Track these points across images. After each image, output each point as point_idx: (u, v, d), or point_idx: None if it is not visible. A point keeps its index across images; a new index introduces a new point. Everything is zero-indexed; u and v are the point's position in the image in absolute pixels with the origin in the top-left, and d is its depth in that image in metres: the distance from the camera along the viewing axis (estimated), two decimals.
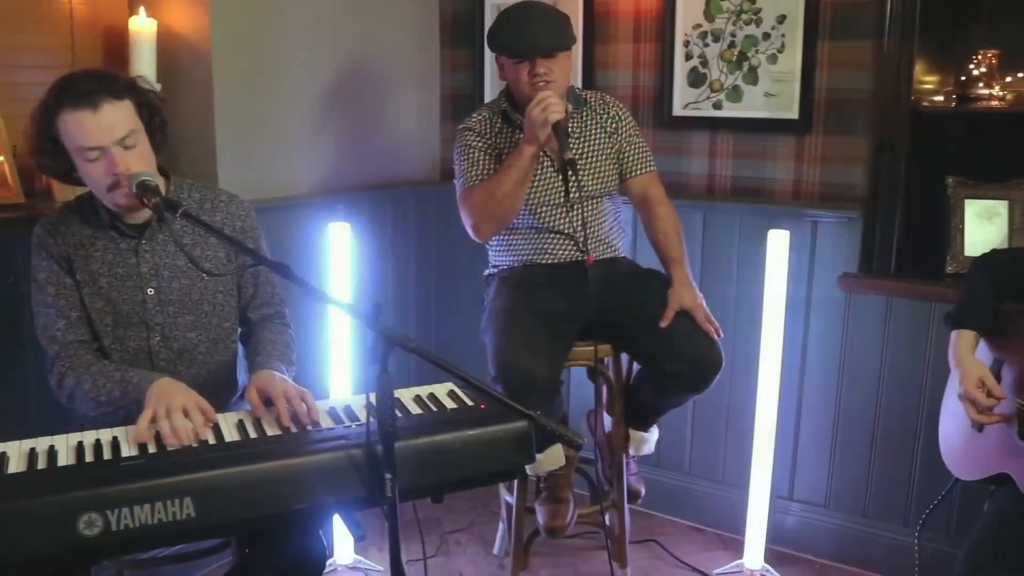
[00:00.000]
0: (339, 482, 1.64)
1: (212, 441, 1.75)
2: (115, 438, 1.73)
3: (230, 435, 1.77)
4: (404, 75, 3.59)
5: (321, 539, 1.97)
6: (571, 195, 2.60)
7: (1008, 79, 2.81)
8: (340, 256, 2.93)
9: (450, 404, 1.91)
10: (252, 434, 1.78)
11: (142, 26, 2.72)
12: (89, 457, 1.66)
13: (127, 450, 1.69)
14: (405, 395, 1.95)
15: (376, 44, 3.43)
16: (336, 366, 2.95)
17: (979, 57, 2.80)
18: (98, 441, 1.72)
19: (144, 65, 2.72)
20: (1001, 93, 2.80)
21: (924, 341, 2.81)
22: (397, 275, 3.58)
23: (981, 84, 2.80)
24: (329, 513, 1.80)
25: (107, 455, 1.67)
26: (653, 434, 2.81)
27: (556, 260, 2.67)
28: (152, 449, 1.70)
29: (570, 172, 2.50)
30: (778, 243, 2.81)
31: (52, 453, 1.67)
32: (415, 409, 1.89)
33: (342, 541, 2.97)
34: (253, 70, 2.96)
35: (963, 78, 2.85)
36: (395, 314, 3.59)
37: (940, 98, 2.95)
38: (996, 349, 2.22)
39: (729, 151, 3.17)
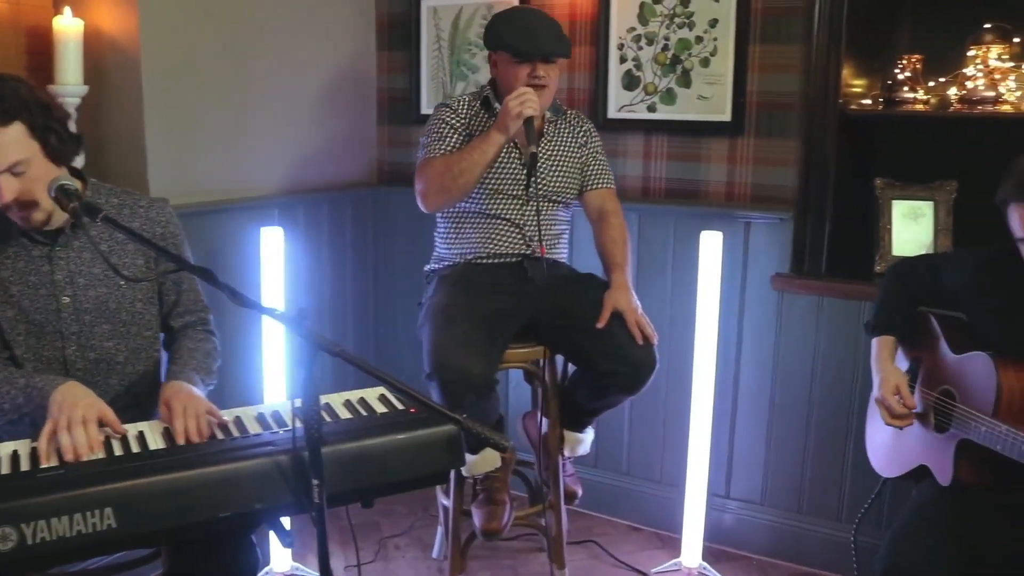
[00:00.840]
0: (266, 489, 1.62)
1: (135, 449, 1.71)
2: (34, 449, 1.69)
3: (154, 443, 1.74)
4: (340, 77, 3.56)
5: (254, 547, 1.94)
6: (532, 189, 2.63)
7: (931, 83, 2.88)
8: (273, 261, 2.89)
9: (380, 408, 1.89)
10: (178, 441, 1.75)
11: (67, 26, 2.66)
12: (5, 469, 1.62)
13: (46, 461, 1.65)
14: (335, 400, 1.94)
15: (311, 45, 3.40)
16: (269, 372, 2.91)
17: (904, 62, 2.86)
18: (15, 452, 1.67)
19: (70, 66, 2.66)
20: (925, 97, 2.87)
21: (855, 339, 2.86)
22: (334, 279, 3.55)
23: (906, 88, 2.86)
24: (260, 520, 1.77)
25: (25, 466, 1.63)
26: (588, 435, 2.82)
27: (501, 251, 2.68)
28: (54, 463, 1.65)
29: (535, 166, 2.57)
30: (711, 244, 2.84)
31: None
32: (345, 414, 1.87)
33: (279, 548, 2.93)
34: (184, 71, 2.91)
35: (889, 82, 2.91)
36: (332, 318, 3.56)
37: (868, 101, 3.01)
38: (912, 349, 2.31)
39: (663, 153, 3.20)
